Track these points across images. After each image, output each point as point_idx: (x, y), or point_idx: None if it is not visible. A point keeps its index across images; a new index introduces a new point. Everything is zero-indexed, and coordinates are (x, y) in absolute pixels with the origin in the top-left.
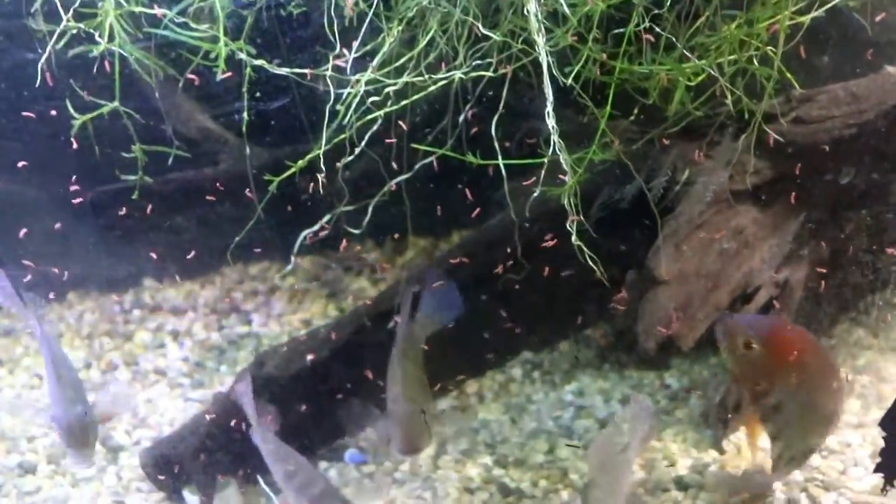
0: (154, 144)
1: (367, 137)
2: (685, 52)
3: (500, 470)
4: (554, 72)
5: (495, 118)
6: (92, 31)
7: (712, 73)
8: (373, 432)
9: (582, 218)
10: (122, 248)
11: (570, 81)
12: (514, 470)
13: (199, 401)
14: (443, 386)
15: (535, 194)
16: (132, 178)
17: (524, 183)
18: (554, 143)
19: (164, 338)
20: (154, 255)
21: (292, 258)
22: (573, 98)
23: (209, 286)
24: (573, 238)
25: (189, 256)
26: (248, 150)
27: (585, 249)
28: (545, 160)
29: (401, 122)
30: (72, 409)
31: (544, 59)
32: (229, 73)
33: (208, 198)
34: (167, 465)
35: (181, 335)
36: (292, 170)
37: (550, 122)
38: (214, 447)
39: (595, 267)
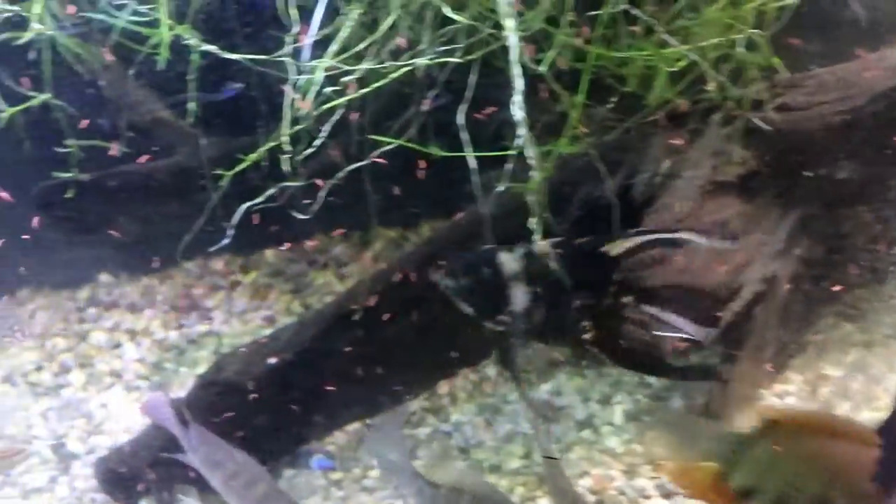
0: (102, 135)
1: (327, 129)
2: (666, 36)
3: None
4: (524, 58)
5: (464, 107)
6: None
7: (694, 58)
8: (341, 436)
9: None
10: (76, 243)
11: (542, 68)
12: (490, 476)
13: None
14: (415, 389)
15: (501, 189)
16: (65, 175)
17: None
18: (523, 135)
19: (121, 337)
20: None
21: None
22: (548, 86)
23: (168, 282)
24: (535, 238)
25: (146, 251)
26: (202, 140)
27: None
28: (513, 153)
29: (357, 116)
30: None
31: (514, 45)
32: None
33: (164, 190)
34: (123, 475)
35: (138, 334)
36: (245, 163)
37: (517, 111)
38: (174, 453)
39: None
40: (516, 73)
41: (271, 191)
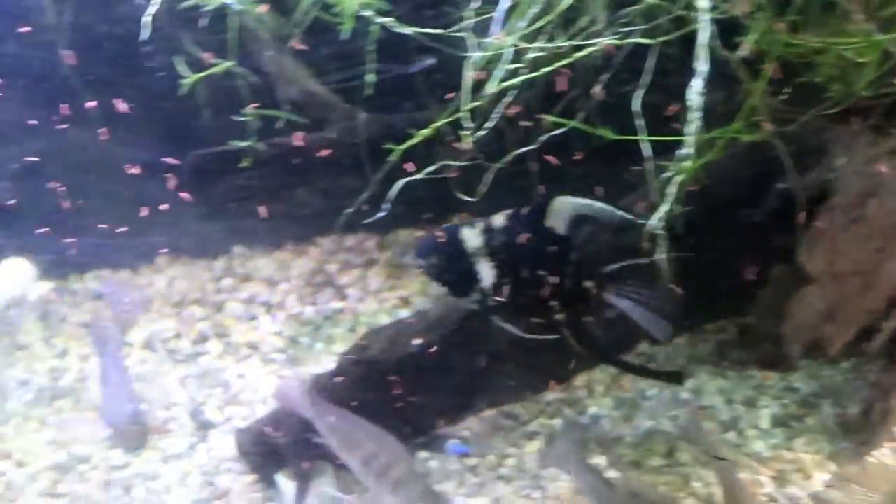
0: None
1: (501, 107)
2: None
3: (615, 472)
4: (715, 44)
5: (641, 93)
6: None
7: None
8: (477, 422)
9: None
10: (213, 213)
11: (739, 54)
12: (631, 473)
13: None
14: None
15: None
16: (243, 143)
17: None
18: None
19: (257, 309)
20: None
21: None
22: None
23: (302, 256)
24: (652, 221)
25: (283, 224)
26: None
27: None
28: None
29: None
30: (122, 409)
31: (705, 25)
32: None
33: (307, 164)
34: (263, 446)
35: (274, 307)
36: (415, 139)
37: (694, 96)
38: (313, 430)
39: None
40: (702, 56)
41: (433, 167)
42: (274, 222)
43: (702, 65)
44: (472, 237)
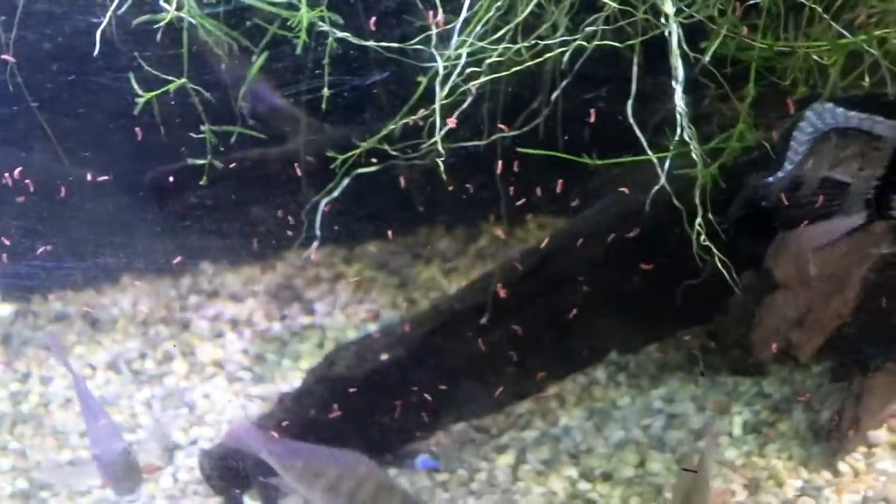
0: (219, 121)
1: (455, 114)
2: (835, 26)
3: (587, 484)
4: (684, 47)
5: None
6: None
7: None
8: (445, 436)
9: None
10: (177, 230)
11: (706, 59)
12: (602, 484)
13: (260, 397)
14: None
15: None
16: (200, 161)
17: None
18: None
19: (223, 327)
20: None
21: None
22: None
23: (269, 272)
24: (699, 239)
25: (249, 239)
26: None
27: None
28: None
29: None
30: (113, 447)
31: (674, 33)
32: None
33: (270, 178)
34: (228, 469)
35: (240, 324)
36: (359, 150)
37: (679, 104)
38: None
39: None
40: (677, 61)
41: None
42: (239, 237)
43: (678, 71)
44: None
